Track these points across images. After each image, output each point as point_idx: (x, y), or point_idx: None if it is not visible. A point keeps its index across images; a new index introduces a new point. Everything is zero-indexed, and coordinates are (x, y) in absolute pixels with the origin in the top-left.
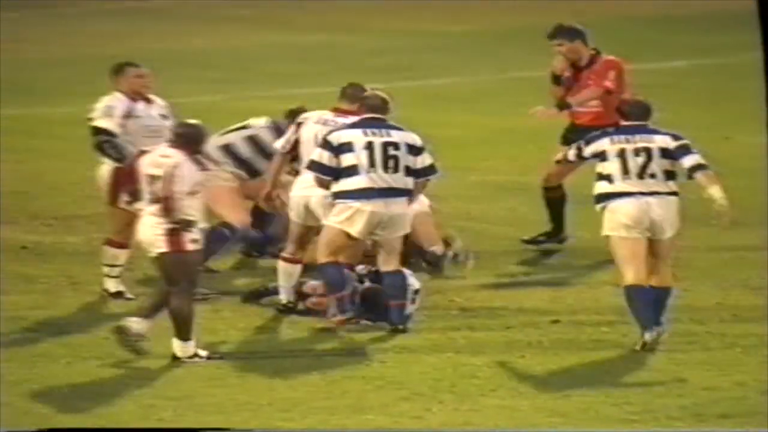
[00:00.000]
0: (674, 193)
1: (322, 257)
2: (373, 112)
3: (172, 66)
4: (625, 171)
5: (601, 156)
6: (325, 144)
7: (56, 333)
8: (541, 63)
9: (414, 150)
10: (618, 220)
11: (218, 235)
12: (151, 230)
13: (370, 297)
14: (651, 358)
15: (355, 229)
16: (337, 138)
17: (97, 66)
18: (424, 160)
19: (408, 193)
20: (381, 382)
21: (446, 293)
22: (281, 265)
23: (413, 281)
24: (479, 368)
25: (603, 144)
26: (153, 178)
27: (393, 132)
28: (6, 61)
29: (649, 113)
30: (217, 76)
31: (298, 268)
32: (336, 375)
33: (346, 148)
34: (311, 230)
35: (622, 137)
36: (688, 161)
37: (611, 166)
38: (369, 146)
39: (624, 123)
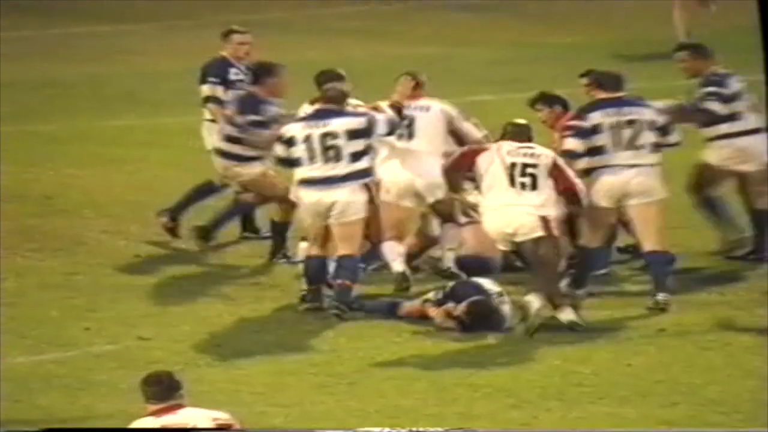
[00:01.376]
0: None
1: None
2: (327, 103)
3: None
4: (617, 143)
5: (596, 129)
6: (280, 138)
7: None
8: (651, 74)
9: (360, 133)
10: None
11: None
12: (526, 217)
13: (477, 311)
14: (761, 367)
15: (308, 217)
16: (285, 132)
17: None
18: (384, 125)
19: (357, 177)
20: (489, 390)
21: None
22: None
23: (490, 286)
24: (586, 376)
25: (596, 117)
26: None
27: (334, 120)
28: (118, 73)
29: (623, 83)
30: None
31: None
32: (445, 382)
33: (292, 141)
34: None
35: (613, 110)
36: (674, 138)
37: (603, 138)
38: (307, 138)
39: (605, 95)
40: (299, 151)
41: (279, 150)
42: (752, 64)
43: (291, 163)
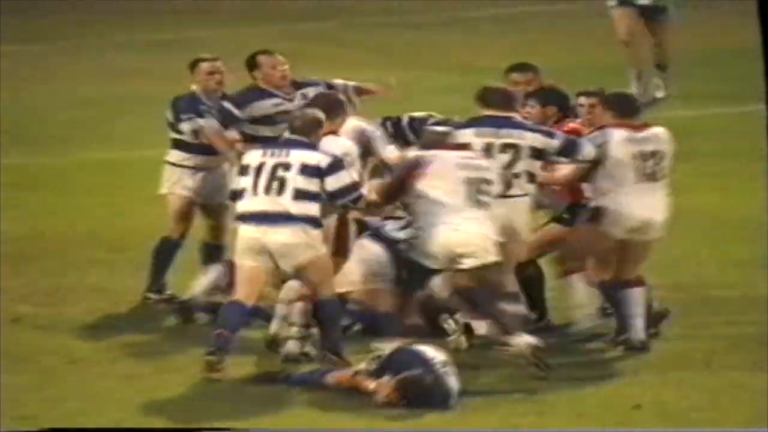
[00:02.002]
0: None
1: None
2: (292, 133)
3: None
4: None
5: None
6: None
7: None
8: None
9: (314, 171)
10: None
11: None
12: (482, 238)
13: (409, 388)
14: None
15: (244, 258)
16: (242, 159)
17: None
18: (338, 181)
19: (298, 220)
20: None
21: None
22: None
23: (433, 354)
24: None
25: (466, 134)
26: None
27: (294, 152)
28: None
29: (516, 103)
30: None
31: None
32: None
33: (244, 170)
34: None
35: (489, 129)
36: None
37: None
38: (259, 168)
39: (489, 112)
40: (247, 181)
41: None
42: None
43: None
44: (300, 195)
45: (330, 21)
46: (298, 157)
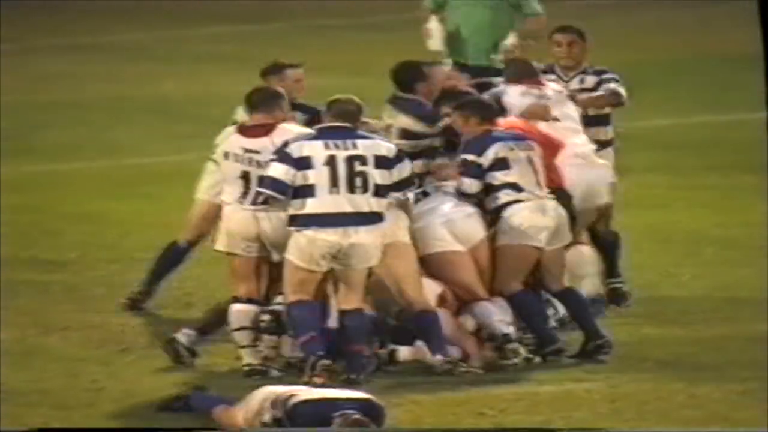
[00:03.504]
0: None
1: (288, 296)
2: (338, 120)
3: (131, 116)
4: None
5: (306, 162)
6: (284, 157)
7: None
8: None
9: (385, 162)
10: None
11: None
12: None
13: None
14: None
15: (310, 260)
16: (297, 149)
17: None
18: (401, 172)
19: (377, 219)
20: None
21: None
22: None
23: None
24: None
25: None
26: None
27: (360, 142)
28: None
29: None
30: (188, 130)
31: None
32: None
33: (305, 163)
34: None
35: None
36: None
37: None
38: (331, 161)
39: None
40: (316, 175)
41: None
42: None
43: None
44: (378, 190)
45: (275, 23)
46: (368, 147)
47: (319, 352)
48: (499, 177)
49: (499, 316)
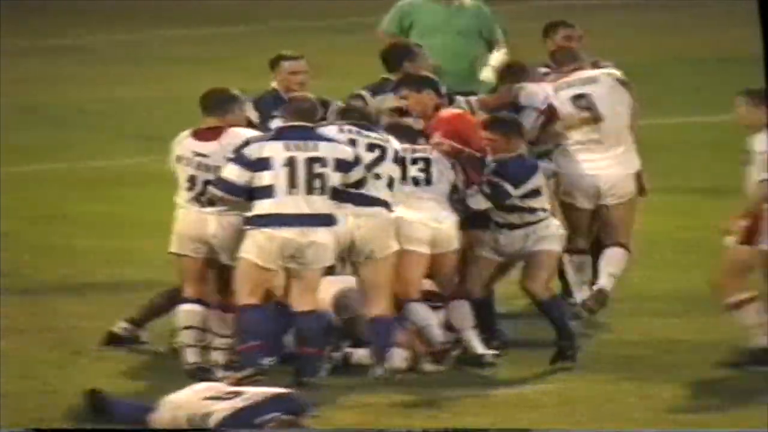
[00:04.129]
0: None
1: (240, 299)
2: (295, 119)
3: (84, 120)
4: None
5: (265, 164)
6: (239, 158)
7: None
8: None
9: (344, 165)
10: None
11: None
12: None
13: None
14: None
15: (268, 258)
16: (256, 151)
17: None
18: (356, 175)
19: (332, 220)
20: None
21: None
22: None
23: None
24: None
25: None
26: None
27: (321, 144)
28: None
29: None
30: (144, 132)
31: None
32: None
33: (264, 164)
34: None
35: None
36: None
37: (274, 177)
38: (291, 162)
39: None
40: (274, 177)
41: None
42: None
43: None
44: (336, 193)
45: (236, 26)
46: (329, 150)
47: (261, 361)
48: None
49: (435, 321)
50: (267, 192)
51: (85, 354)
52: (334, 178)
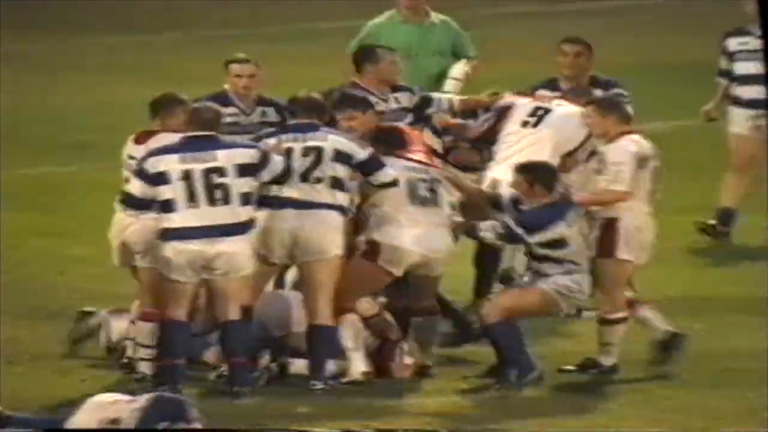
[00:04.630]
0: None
1: (167, 311)
2: (198, 128)
3: (15, 128)
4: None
5: (163, 178)
6: (140, 172)
7: None
8: None
9: (248, 169)
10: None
11: None
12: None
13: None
14: None
15: (179, 271)
16: (152, 165)
17: None
18: (272, 172)
19: (243, 228)
20: None
21: None
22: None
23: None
24: None
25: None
26: None
27: (220, 153)
28: None
29: (321, 111)
30: (76, 139)
31: None
32: None
33: (161, 178)
34: None
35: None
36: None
37: (173, 191)
38: (187, 176)
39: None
40: (172, 191)
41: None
42: None
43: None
44: (245, 198)
45: (171, 32)
46: (229, 157)
47: (172, 384)
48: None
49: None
50: (169, 206)
51: (19, 363)
52: (240, 185)
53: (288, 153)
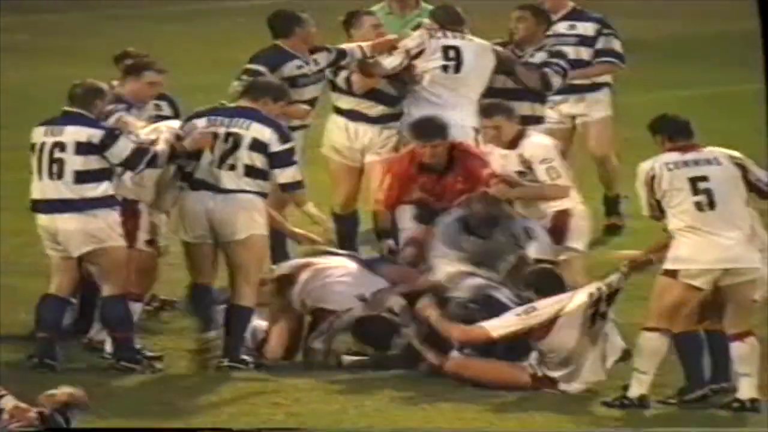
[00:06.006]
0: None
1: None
2: (69, 104)
3: None
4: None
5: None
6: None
7: None
8: None
9: (87, 148)
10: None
11: None
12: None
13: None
14: None
15: (45, 245)
16: (31, 136)
17: None
18: (118, 155)
19: (80, 206)
20: None
21: None
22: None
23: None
24: None
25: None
26: None
27: (68, 128)
28: None
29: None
30: None
31: None
32: None
33: (32, 149)
34: None
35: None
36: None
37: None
38: (40, 148)
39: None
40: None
41: None
42: None
43: None
44: (80, 177)
45: (71, 12)
46: (72, 134)
47: (40, 357)
48: None
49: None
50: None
51: None
52: (75, 162)
53: (214, 136)
